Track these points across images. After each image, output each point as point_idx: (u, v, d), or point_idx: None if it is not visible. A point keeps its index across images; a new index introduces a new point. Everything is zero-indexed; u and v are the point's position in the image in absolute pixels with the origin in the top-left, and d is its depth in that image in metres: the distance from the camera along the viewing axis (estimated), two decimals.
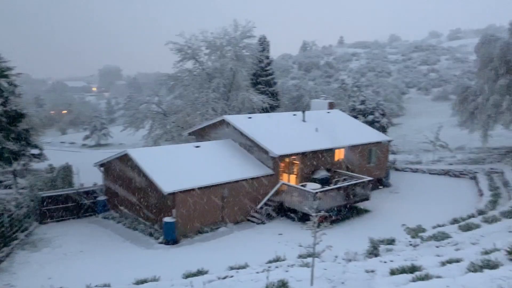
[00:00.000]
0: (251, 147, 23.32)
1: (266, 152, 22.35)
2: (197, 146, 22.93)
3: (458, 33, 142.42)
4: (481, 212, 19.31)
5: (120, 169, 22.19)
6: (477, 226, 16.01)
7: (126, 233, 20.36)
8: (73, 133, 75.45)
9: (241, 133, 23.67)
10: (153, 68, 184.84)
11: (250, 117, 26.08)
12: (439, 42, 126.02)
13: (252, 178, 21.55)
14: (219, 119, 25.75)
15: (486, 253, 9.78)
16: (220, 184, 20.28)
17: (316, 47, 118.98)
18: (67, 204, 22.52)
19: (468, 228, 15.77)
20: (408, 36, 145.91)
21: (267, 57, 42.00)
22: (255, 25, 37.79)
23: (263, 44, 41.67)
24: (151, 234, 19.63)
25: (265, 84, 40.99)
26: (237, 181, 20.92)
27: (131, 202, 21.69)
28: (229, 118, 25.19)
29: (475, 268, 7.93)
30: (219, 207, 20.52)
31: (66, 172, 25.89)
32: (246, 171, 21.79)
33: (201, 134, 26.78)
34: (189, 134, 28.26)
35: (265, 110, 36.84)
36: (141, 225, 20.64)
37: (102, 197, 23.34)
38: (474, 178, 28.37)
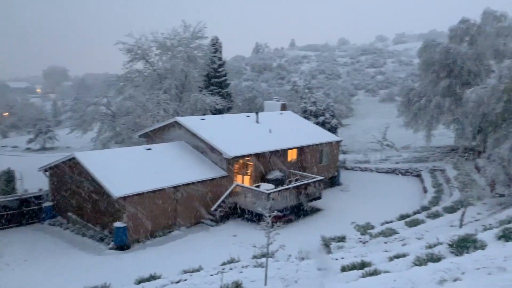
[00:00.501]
0: (205, 148, 23.14)
1: (219, 153, 22.27)
2: (149, 149, 22.44)
3: (403, 37, 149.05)
4: (425, 208, 20.31)
5: (67, 174, 21.27)
6: (422, 222, 16.83)
7: (75, 240, 19.54)
8: (16, 136, 71.41)
9: (194, 135, 23.44)
10: (102, 68, 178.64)
11: (203, 119, 25.89)
12: (385, 45, 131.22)
13: (206, 180, 21.38)
14: (171, 120, 25.35)
15: (430, 247, 10.28)
16: (173, 187, 19.95)
17: (269, 49, 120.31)
18: (9, 211, 21.27)
19: (413, 223, 16.53)
20: (356, 40, 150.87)
21: (220, 58, 41.88)
22: (207, 26, 37.70)
23: (216, 45, 41.52)
24: (101, 240, 18.96)
25: (218, 86, 40.84)
26: (190, 184, 20.68)
27: (79, 207, 20.84)
28: (182, 119, 24.86)
29: (420, 261, 8.30)
30: (172, 211, 20.18)
31: (8, 177, 24.43)
32: (199, 173, 21.59)
33: (152, 136, 26.22)
34: (140, 136, 27.58)
35: (218, 112, 36.71)
36: (91, 231, 19.88)
37: (48, 203, 22.26)
38: (418, 176, 29.77)
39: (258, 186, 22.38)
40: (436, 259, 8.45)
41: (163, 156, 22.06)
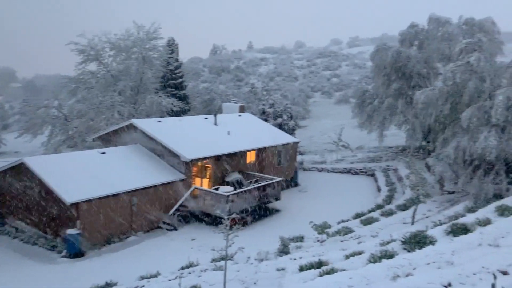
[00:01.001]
0: (162, 152, 22.74)
1: (177, 156, 21.95)
2: (103, 153, 21.75)
3: (357, 40, 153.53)
4: (379, 207, 20.97)
5: (15, 180, 20.21)
6: (377, 220, 17.36)
7: (24, 249, 18.58)
8: None
9: (151, 138, 22.98)
10: (53, 69, 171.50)
11: (159, 121, 25.44)
12: (340, 49, 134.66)
13: (163, 184, 21.02)
14: (126, 123, 24.71)
15: (384, 244, 10.63)
16: (128, 192, 19.45)
17: (226, 51, 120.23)
18: None
19: (369, 222, 17.03)
20: (312, 43, 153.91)
21: (177, 60, 41.35)
22: (162, 26, 37.10)
23: (172, 46, 40.96)
24: (53, 248, 18.16)
25: (175, 87, 40.27)
26: (146, 188, 20.25)
27: (30, 215, 19.86)
28: (137, 122, 24.31)
29: (374, 259, 8.56)
30: (128, 216, 19.67)
31: None
32: (156, 177, 21.19)
33: (107, 140, 25.45)
34: (94, 139, 26.70)
35: (175, 114, 36.21)
36: (42, 239, 18.98)
37: None
38: (373, 175, 30.71)
39: (217, 189, 22.25)
40: (389, 255, 8.74)
41: (118, 160, 21.46)
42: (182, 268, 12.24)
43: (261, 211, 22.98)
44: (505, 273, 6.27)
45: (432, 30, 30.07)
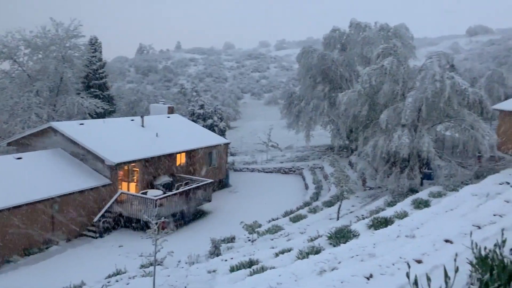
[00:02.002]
0: (85, 156, 21.60)
1: (102, 160, 20.98)
2: (19, 158, 20.17)
3: (284, 43, 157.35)
4: (307, 204, 21.69)
5: None
6: (305, 217, 17.94)
7: None
8: None
9: (73, 141, 21.72)
10: None
11: (82, 124, 24.14)
12: (268, 51, 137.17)
13: (87, 190, 19.97)
14: (45, 126, 23.14)
15: (312, 240, 11.01)
16: (48, 199, 18.23)
17: (154, 50, 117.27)
18: None
19: (297, 219, 17.53)
20: (241, 44, 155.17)
21: (100, 59, 39.53)
22: (83, 24, 35.29)
23: (95, 45, 39.09)
24: None
25: (98, 88, 38.48)
26: (68, 194, 19.10)
27: None
28: (57, 125, 22.88)
29: (302, 255, 8.83)
30: (48, 224, 18.42)
31: None
32: (79, 182, 20.07)
33: (24, 144, 23.61)
34: (9, 144, 24.66)
35: (99, 116, 34.58)
36: None
37: None
38: (301, 174, 31.68)
39: (145, 193, 21.61)
40: (317, 251, 9.06)
41: (36, 165, 20.02)
42: (109, 276, 11.74)
43: (192, 214, 22.71)
44: (419, 261, 6.76)
45: (353, 35, 31.69)
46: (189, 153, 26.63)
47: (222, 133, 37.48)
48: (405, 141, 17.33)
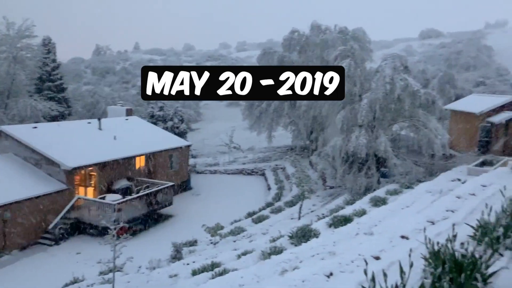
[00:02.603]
0: (39, 161, 20.72)
1: (57, 165, 20.20)
2: None
3: (245, 45, 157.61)
4: (269, 204, 21.83)
5: None
6: (267, 217, 18.05)
7: None
8: None
9: (26, 146, 20.79)
10: None
11: (35, 127, 23.16)
12: (229, 52, 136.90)
13: (41, 196, 19.16)
14: None
15: (274, 240, 11.09)
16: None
17: (111, 51, 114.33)
18: None
19: (259, 220, 17.62)
20: (201, 46, 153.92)
21: (54, 60, 38.12)
22: (36, 24, 33.92)
23: (48, 46, 37.66)
24: None
25: (52, 90, 37.06)
26: (21, 201, 18.26)
27: None
28: (8, 129, 21.86)
29: (264, 256, 8.87)
30: (0, 233, 17.53)
31: None
32: (33, 188, 19.23)
33: None
34: None
35: (54, 119, 33.32)
36: None
37: None
38: (263, 174, 31.83)
39: (103, 198, 20.99)
40: (278, 251, 9.13)
41: None
42: (66, 285, 11.35)
43: (153, 218, 22.31)
44: (377, 258, 6.96)
45: (313, 37, 32.22)
46: (149, 156, 26.13)
47: (183, 135, 37.01)
48: (363, 141, 17.82)
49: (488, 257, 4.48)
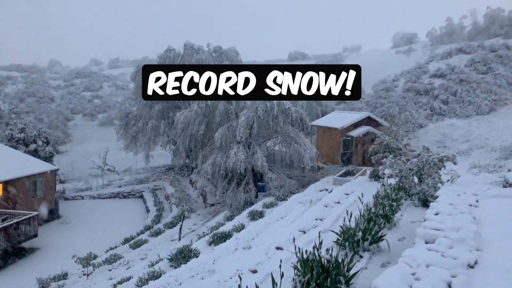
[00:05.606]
0: None
1: None
2: None
3: (118, 62, 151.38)
4: (148, 228, 21.01)
5: None
6: (146, 241, 17.32)
7: None
8: None
9: None
10: None
11: None
12: (100, 69, 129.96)
13: None
14: None
15: (153, 265, 10.67)
16: None
17: None
18: None
19: (137, 245, 16.82)
20: (69, 62, 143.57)
21: None
22: None
23: None
24: None
25: None
26: None
27: None
28: None
29: (142, 282, 8.47)
30: None
31: None
32: None
33: None
34: None
35: None
36: None
37: None
38: (141, 196, 30.61)
39: None
40: (157, 276, 8.81)
41: None
42: None
43: (14, 253, 19.71)
44: (254, 271, 7.14)
45: (187, 56, 32.44)
46: (7, 184, 23.18)
47: (49, 159, 33.72)
48: (241, 157, 18.36)
49: (349, 260, 4.92)
